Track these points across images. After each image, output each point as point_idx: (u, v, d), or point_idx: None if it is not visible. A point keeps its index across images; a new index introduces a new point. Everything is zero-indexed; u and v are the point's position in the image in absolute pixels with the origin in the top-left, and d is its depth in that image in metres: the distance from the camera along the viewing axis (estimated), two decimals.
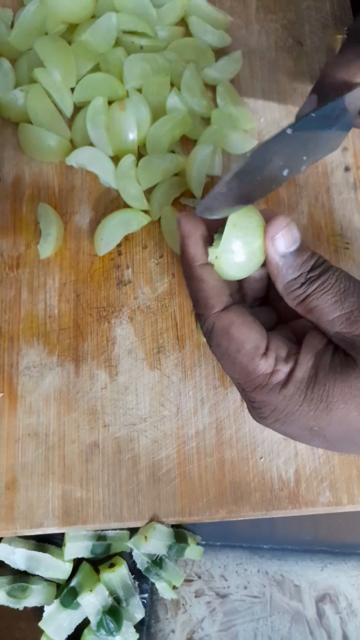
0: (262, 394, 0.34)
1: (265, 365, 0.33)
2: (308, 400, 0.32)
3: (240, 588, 0.45)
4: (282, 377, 0.33)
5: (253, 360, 0.34)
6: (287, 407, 0.33)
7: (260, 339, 0.34)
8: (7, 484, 0.42)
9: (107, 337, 0.45)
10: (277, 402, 0.33)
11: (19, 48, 0.50)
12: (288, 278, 0.34)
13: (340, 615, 0.44)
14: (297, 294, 0.34)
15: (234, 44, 0.53)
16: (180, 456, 0.43)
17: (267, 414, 0.34)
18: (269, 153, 0.34)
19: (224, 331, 0.34)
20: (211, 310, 0.35)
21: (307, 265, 0.34)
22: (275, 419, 0.34)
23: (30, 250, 0.47)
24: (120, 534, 0.44)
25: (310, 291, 0.33)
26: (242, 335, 0.34)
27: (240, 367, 0.34)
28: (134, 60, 0.48)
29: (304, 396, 0.33)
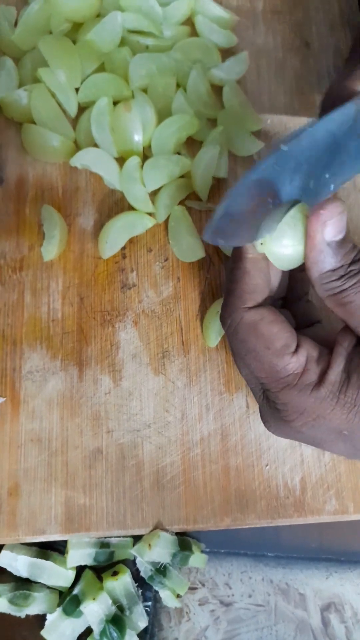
0: (291, 395, 0.33)
1: (296, 364, 0.33)
2: (341, 404, 0.32)
3: (245, 596, 0.44)
4: (314, 378, 0.33)
5: (283, 359, 0.33)
6: (319, 410, 0.32)
7: (291, 338, 0.33)
8: (9, 490, 0.42)
9: (111, 342, 0.45)
10: (307, 404, 0.32)
11: (22, 47, 0.49)
12: (327, 267, 0.32)
13: (345, 624, 0.44)
14: (333, 285, 0.32)
15: (240, 44, 0.52)
16: (185, 463, 0.43)
17: (293, 416, 0.33)
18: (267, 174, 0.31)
19: (253, 326, 0.33)
20: (243, 304, 0.34)
21: (349, 258, 0.32)
22: (303, 422, 0.33)
23: (33, 252, 0.47)
24: (123, 542, 0.43)
25: (348, 285, 0.32)
26: (272, 332, 0.33)
27: (269, 365, 0.33)
28: (140, 60, 0.48)
29: (336, 400, 0.32)
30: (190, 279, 0.46)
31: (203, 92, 0.49)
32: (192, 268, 0.46)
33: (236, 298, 0.35)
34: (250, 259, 0.34)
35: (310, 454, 0.43)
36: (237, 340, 0.35)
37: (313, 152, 0.32)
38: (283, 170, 0.32)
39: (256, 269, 0.34)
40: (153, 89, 0.48)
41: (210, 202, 0.48)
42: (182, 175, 0.47)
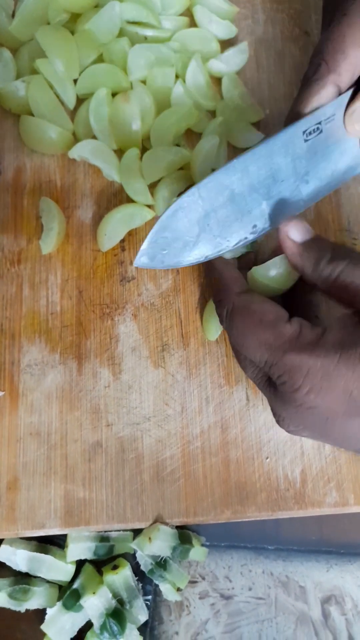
0: (293, 358, 0.33)
1: (291, 329, 0.34)
2: (345, 359, 0.32)
3: (245, 589, 0.44)
4: (312, 337, 0.33)
5: (277, 326, 0.34)
6: (322, 367, 0.32)
7: (282, 311, 0.36)
8: (8, 484, 0.42)
9: (111, 335, 0.45)
10: (310, 364, 0.32)
11: (20, 38, 0.49)
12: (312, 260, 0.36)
13: (346, 616, 0.44)
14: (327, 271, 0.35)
15: (239, 34, 0.52)
16: (185, 456, 0.42)
17: (299, 382, 0.33)
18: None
19: (245, 307, 0.36)
20: (231, 292, 0.37)
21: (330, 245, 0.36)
22: (310, 386, 0.32)
23: (31, 245, 0.46)
24: (123, 535, 0.43)
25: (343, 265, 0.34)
26: (264, 308, 0.36)
27: (265, 336, 0.34)
28: (138, 51, 0.47)
29: (339, 355, 0.32)
30: (189, 272, 0.46)
31: (202, 83, 0.48)
32: None
33: (222, 291, 0.38)
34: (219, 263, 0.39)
35: (310, 447, 0.43)
36: (234, 327, 0.36)
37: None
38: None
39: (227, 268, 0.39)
40: (152, 80, 0.48)
41: None
42: (181, 167, 0.47)
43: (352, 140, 0.40)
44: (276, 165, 0.38)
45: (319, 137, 0.38)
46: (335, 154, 0.40)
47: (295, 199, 0.40)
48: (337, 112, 0.38)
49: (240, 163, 0.37)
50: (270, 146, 0.37)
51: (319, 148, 0.39)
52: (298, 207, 0.40)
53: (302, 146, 0.38)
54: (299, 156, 0.38)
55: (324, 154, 0.39)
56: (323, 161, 0.39)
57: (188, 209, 0.37)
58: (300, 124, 0.37)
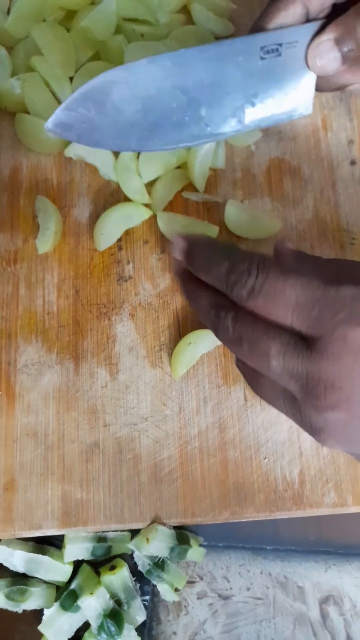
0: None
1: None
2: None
3: (243, 589, 0.44)
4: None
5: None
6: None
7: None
8: (5, 485, 0.42)
9: (108, 335, 0.44)
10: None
11: (15, 35, 0.48)
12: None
13: (344, 616, 0.43)
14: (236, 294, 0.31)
15: (237, 32, 0.51)
16: (183, 456, 0.42)
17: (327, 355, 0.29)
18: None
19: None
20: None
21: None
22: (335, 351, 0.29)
23: (28, 244, 0.46)
24: (121, 536, 0.43)
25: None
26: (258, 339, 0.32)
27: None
28: (135, 48, 0.47)
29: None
30: None
31: None
32: None
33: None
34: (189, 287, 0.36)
35: (309, 447, 0.43)
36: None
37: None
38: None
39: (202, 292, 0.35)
40: None
41: (207, 192, 0.47)
42: (178, 166, 0.47)
43: (309, 75, 0.37)
44: (225, 73, 0.35)
45: (277, 61, 0.36)
46: (290, 85, 0.37)
47: (235, 119, 0.37)
48: (301, 41, 0.36)
49: (188, 56, 0.34)
50: (223, 49, 0.35)
51: (274, 72, 0.36)
52: (235, 128, 0.37)
53: (256, 63, 0.35)
54: (251, 73, 0.35)
55: (278, 80, 0.36)
56: (275, 88, 0.36)
57: (118, 87, 0.34)
58: (259, 38, 0.35)
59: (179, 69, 0.34)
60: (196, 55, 0.34)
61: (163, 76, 0.34)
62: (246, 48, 0.35)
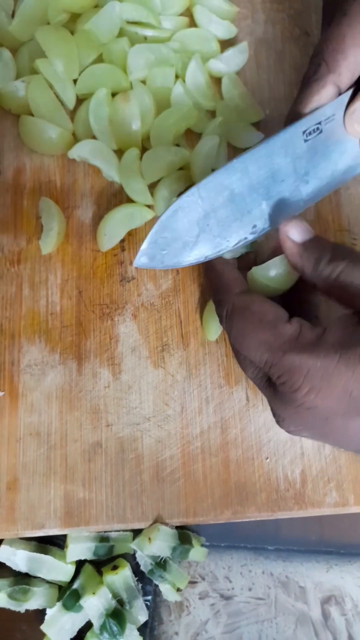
0: (293, 357, 0.33)
1: (291, 329, 0.34)
2: (345, 359, 0.32)
3: (245, 589, 0.44)
4: (312, 337, 0.33)
5: (276, 326, 0.34)
6: (322, 367, 0.32)
7: (282, 311, 0.36)
8: (8, 484, 0.42)
9: (110, 335, 0.45)
10: (310, 364, 0.32)
11: (20, 38, 0.49)
12: (311, 260, 0.35)
13: (345, 616, 0.44)
14: (327, 271, 0.35)
15: (239, 34, 0.52)
16: (185, 456, 0.42)
17: (299, 382, 0.33)
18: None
19: (245, 308, 0.36)
20: (231, 293, 0.37)
21: (330, 245, 0.36)
22: (309, 387, 0.32)
23: (31, 245, 0.46)
24: (123, 536, 0.43)
25: (343, 265, 0.34)
26: (264, 307, 0.36)
27: (264, 336, 0.34)
28: (138, 51, 0.47)
29: (339, 355, 0.32)
30: (189, 272, 0.46)
31: (202, 83, 0.48)
32: None
33: (222, 291, 0.38)
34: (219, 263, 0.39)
35: (310, 447, 0.43)
36: (234, 327, 0.36)
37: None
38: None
39: (228, 267, 0.39)
40: (152, 80, 0.48)
41: None
42: (181, 167, 0.47)
43: (352, 140, 0.40)
44: (276, 165, 0.38)
45: (319, 137, 0.38)
46: (335, 154, 0.40)
47: (295, 199, 0.40)
48: (337, 112, 0.38)
49: (240, 163, 0.37)
50: (270, 146, 0.37)
51: (319, 148, 0.39)
52: (298, 207, 0.40)
53: (302, 146, 0.38)
54: (299, 156, 0.38)
55: (324, 154, 0.39)
56: (323, 161, 0.39)
57: (188, 209, 0.37)
58: (300, 124, 0.37)
59: (236, 176, 0.37)
60: (248, 159, 0.37)
61: (221, 188, 0.37)
62: (290, 138, 0.38)
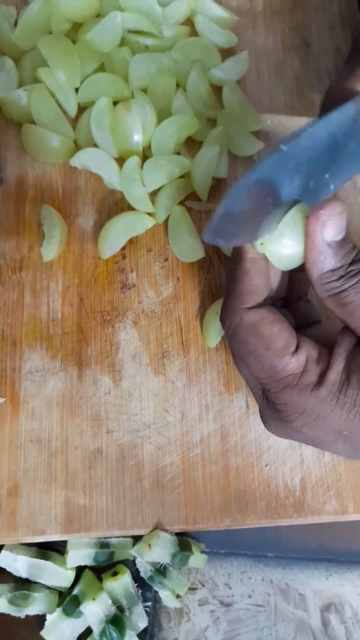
0: (292, 395, 0.33)
1: (296, 364, 0.33)
2: (341, 404, 0.32)
3: (245, 597, 0.44)
4: (314, 378, 0.33)
5: (283, 358, 0.33)
6: (318, 410, 0.32)
7: (291, 338, 0.33)
8: (9, 491, 0.42)
9: (111, 342, 0.45)
10: (307, 404, 0.32)
11: (22, 47, 0.49)
12: (327, 268, 0.32)
13: (345, 624, 0.44)
14: (333, 285, 0.32)
15: (240, 44, 0.52)
16: (185, 463, 0.43)
17: (294, 417, 0.33)
18: (267, 174, 0.31)
19: (253, 327, 0.33)
20: (242, 305, 0.34)
21: (349, 258, 0.32)
22: (303, 422, 0.33)
23: (33, 252, 0.47)
24: (123, 542, 0.43)
25: (349, 285, 0.32)
26: (272, 332, 0.33)
27: (269, 365, 0.33)
28: (140, 60, 0.48)
29: (336, 400, 0.32)
30: (190, 279, 0.46)
31: (203, 92, 0.49)
32: (191, 268, 0.46)
33: (235, 299, 0.35)
34: (250, 259, 0.34)
35: (310, 455, 0.43)
36: (238, 341, 0.35)
37: (313, 152, 0.32)
38: (282, 171, 0.32)
39: (256, 269, 0.34)
40: (153, 89, 0.48)
41: (210, 202, 0.48)
42: (181, 176, 0.47)
43: None
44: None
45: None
46: None
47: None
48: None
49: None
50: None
51: None
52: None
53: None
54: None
55: None
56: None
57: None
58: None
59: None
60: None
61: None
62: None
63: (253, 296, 0.34)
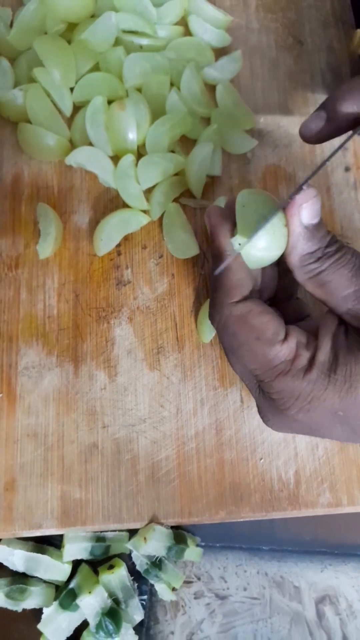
0: (285, 382, 0.34)
1: (287, 350, 0.34)
2: (333, 383, 0.32)
3: (240, 589, 0.44)
4: (305, 362, 0.34)
5: (274, 347, 0.34)
6: (313, 392, 0.33)
7: (279, 326, 0.35)
8: (5, 485, 0.42)
9: (107, 338, 0.45)
10: (301, 388, 0.33)
11: (18, 47, 0.50)
12: (306, 251, 0.34)
13: (340, 616, 0.44)
14: (311, 267, 0.34)
15: (234, 43, 0.53)
16: (180, 457, 0.43)
17: (290, 403, 0.34)
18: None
19: (242, 319, 0.35)
20: (230, 299, 0.35)
21: (325, 240, 0.35)
22: (299, 407, 0.34)
23: (29, 250, 0.47)
24: (119, 536, 0.44)
25: (326, 266, 0.34)
26: (261, 322, 0.34)
27: (261, 355, 0.34)
28: (134, 60, 0.48)
29: (328, 379, 0.33)
30: (184, 276, 0.47)
31: (197, 90, 0.49)
32: (186, 265, 0.47)
33: (222, 294, 0.36)
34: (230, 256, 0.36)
35: (304, 448, 0.43)
36: (228, 335, 0.35)
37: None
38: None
39: (237, 263, 0.36)
40: (147, 88, 0.49)
41: (204, 199, 0.48)
42: (176, 173, 0.48)
43: None
44: None
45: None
46: None
47: None
48: None
49: None
50: None
51: None
52: None
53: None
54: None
55: None
56: None
57: None
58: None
59: None
60: None
61: None
62: None
63: (239, 289, 0.35)
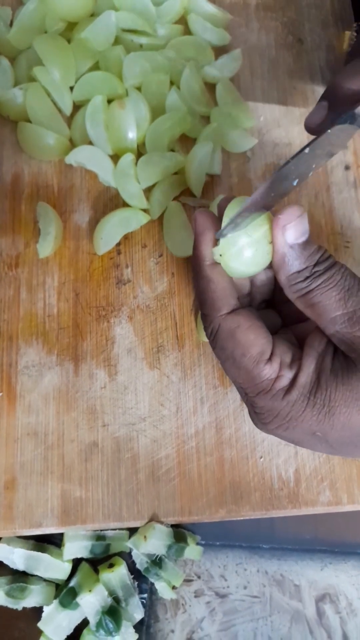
0: (266, 400, 0.34)
1: (270, 370, 0.33)
2: (311, 406, 0.32)
3: (240, 588, 0.45)
4: (286, 383, 0.33)
5: (258, 366, 0.33)
6: (291, 413, 0.33)
7: (266, 344, 0.34)
8: (6, 484, 0.42)
9: (107, 337, 0.45)
10: (280, 408, 0.33)
11: (18, 46, 0.50)
12: (293, 270, 0.33)
13: (340, 614, 0.44)
14: (299, 287, 0.33)
15: (233, 42, 0.53)
16: (180, 455, 0.43)
17: (269, 419, 0.34)
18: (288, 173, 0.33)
19: (230, 334, 0.34)
20: (218, 312, 0.35)
21: (313, 259, 0.33)
22: (278, 424, 0.34)
23: (29, 249, 0.47)
24: (119, 534, 0.44)
25: (314, 286, 0.33)
26: (248, 339, 0.34)
27: (244, 371, 0.34)
28: (134, 59, 0.48)
29: (307, 402, 0.32)
30: (184, 274, 0.47)
31: (196, 89, 0.49)
32: (186, 263, 0.47)
33: (210, 308, 0.35)
34: (209, 266, 0.35)
35: None
36: (217, 348, 0.35)
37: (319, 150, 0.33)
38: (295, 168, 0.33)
39: (217, 273, 0.35)
40: (147, 87, 0.49)
41: (204, 198, 0.48)
42: (176, 172, 0.48)
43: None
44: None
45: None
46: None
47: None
48: None
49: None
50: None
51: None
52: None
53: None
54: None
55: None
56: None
57: None
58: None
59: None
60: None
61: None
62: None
63: (225, 300, 0.35)
